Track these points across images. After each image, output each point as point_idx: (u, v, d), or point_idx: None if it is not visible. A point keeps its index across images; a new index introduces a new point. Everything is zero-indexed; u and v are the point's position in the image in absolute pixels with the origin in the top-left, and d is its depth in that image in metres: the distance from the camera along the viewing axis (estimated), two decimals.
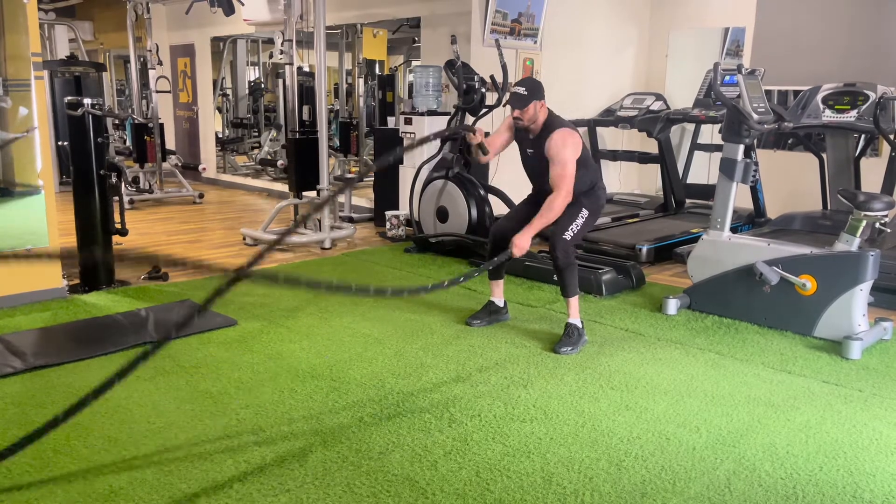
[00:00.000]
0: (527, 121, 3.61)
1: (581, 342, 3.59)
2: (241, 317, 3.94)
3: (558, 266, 3.64)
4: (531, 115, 3.59)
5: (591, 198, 3.71)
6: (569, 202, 3.57)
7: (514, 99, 3.59)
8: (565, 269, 3.64)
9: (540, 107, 3.60)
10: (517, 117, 3.62)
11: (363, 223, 6.94)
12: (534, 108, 3.58)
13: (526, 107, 3.57)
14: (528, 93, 3.56)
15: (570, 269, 3.65)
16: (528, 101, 3.56)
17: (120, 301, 4.24)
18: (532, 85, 3.63)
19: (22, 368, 3.11)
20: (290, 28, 5.93)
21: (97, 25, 12.35)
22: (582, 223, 3.67)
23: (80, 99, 4.31)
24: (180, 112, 10.19)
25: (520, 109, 3.57)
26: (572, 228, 3.63)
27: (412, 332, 3.76)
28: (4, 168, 4.34)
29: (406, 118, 6.32)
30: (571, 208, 3.64)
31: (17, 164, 4.24)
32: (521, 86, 3.59)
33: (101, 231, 4.44)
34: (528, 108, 3.57)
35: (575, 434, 2.65)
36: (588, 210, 3.68)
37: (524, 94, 3.55)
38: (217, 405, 2.84)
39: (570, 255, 3.64)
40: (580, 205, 3.66)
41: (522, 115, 3.58)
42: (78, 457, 2.41)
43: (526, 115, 3.58)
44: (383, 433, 2.62)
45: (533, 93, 3.58)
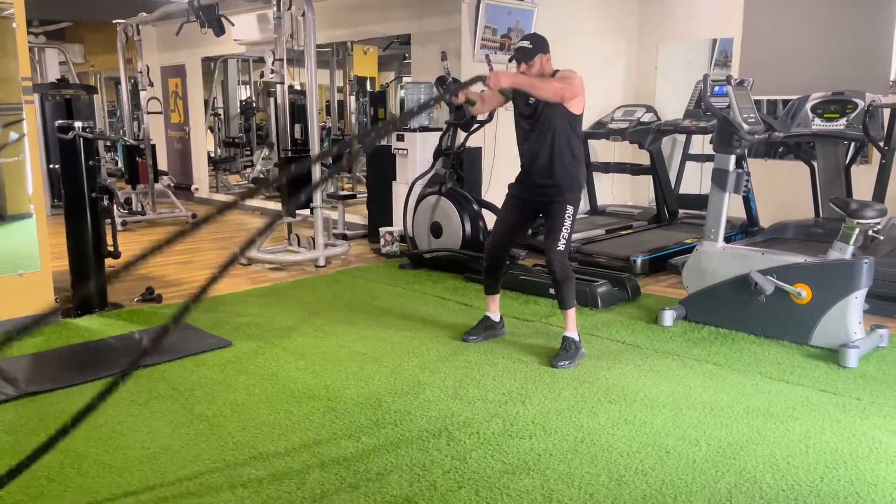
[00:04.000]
0: (535, 73, 3.55)
1: (578, 356, 3.57)
2: (236, 338, 3.91)
3: (556, 279, 3.63)
4: (537, 68, 3.54)
5: (575, 185, 3.64)
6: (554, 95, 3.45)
7: (520, 53, 3.54)
8: (563, 281, 3.62)
9: (546, 60, 3.57)
10: (524, 71, 3.57)
11: (357, 240, 6.93)
12: (539, 61, 3.54)
13: (532, 60, 3.52)
14: (534, 46, 3.52)
15: (568, 281, 3.63)
16: (533, 54, 3.51)
17: (113, 324, 4.21)
18: (537, 39, 3.59)
19: (14, 395, 3.08)
20: (280, 47, 5.94)
21: (87, 48, 12.37)
22: (570, 224, 3.60)
23: (71, 122, 4.30)
24: (172, 132, 10.19)
25: (526, 63, 3.52)
26: (563, 236, 3.57)
27: (408, 349, 3.74)
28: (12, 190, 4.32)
29: (398, 135, 6.33)
30: (557, 207, 3.57)
31: (9, 189, 4.21)
32: (525, 40, 3.56)
33: (93, 254, 4.42)
34: (535, 62, 3.53)
35: (574, 449, 2.63)
36: (571, 205, 3.60)
37: (529, 47, 3.51)
38: (212, 428, 2.81)
39: (567, 267, 3.63)
40: (564, 202, 3.57)
41: (529, 69, 3.53)
42: (72, 484, 2.38)
43: (532, 70, 3.53)
44: (381, 453, 2.60)
45: (538, 46, 3.54)
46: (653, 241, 5.88)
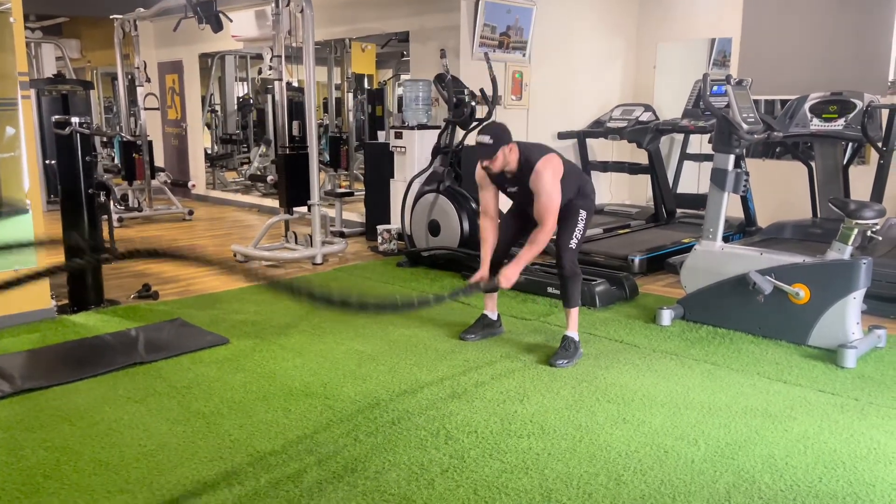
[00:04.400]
0: (497, 168, 3.54)
1: (577, 355, 3.57)
2: (233, 335, 3.89)
3: (564, 275, 3.63)
4: (501, 161, 3.51)
5: (583, 198, 3.68)
6: (550, 236, 3.52)
7: (481, 150, 3.51)
8: (571, 278, 3.63)
9: (509, 151, 3.51)
10: (486, 167, 3.55)
11: (354, 238, 6.91)
12: (502, 154, 3.49)
13: (494, 156, 3.48)
14: (494, 141, 3.47)
15: (575, 278, 3.64)
16: (494, 149, 3.47)
17: (109, 321, 4.19)
18: (496, 132, 3.53)
19: (10, 392, 3.06)
20: (278, 44, 5.92)
21: (84, 43, 12.32)
22: (583, 226, 3.64)
23: (67, 118, 4.28)
24: (169, 129, 10.16)
25: (489, 159, 3.49)
26: (576, 235, 3.62)
27: (406, 347, 3.73)
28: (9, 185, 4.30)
29: (396, 132, 6.32)
30: (569, 213, 3.61)
31: (5, 184, 4.19)
32: (485, 134, 3.51)
33: (89, 250, 4.40)
34: (497, 157, 3.49)
35: (573, 449, 2.63)
36: (584, 210, 3.65)
37: (489, 143, 3.47)
38: (209, 426, 2.80)
39: (576, 265, 3.64)
40: (576, 207, 3.63)
41: (492, 164, 3.50)
42: (68, 482, 2.36)
43: (496, 164, 3.51)
44: (379, 452, 2.59)
45: (498, 140, 3.48)
46: (651, 241, 5.88)
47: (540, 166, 3.50)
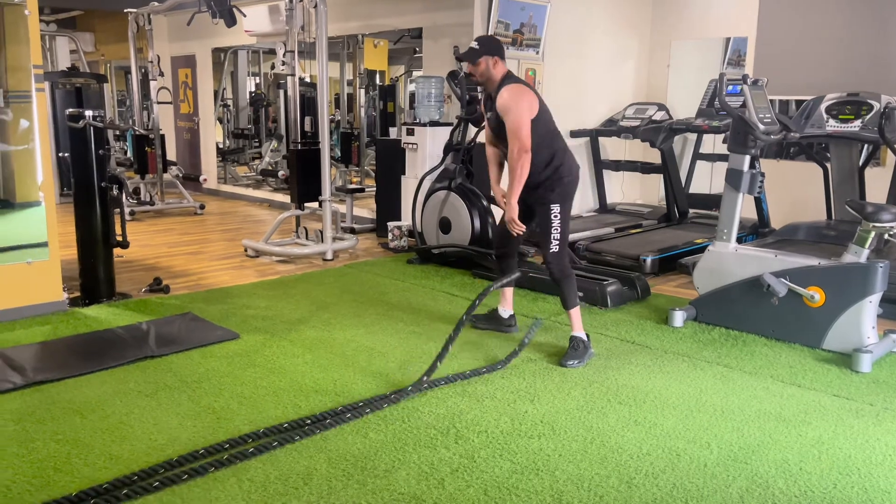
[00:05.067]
0: (479, 76, 3.49)
1: (587, 355, 3.54)
2: (244, 330, 3.89)
3: (555, 279, 3.62)
4: (482, 69, 3.46)
5: (556, 183, 3.51)
6: (527, 156, 3.39)
7: (466, 53, 3.48)
8: (562, 280, 3.60)
9: (493, 63, 3.45)
10: (469, 73, 3.53)
11: (365, 234, 6.91)
12: (486, 63, 3.44)
13: (476, 60, 3.44)
14: (480, 47, 3.45)
15: (567, 280, 3.60)
16: (478, 54, 3.43)
17: (121, 314, 4.20)
18: (486, 40, 3.52)
19: (22, 384, 3.07)
20: (291, 39, 5.91)
21: (98, 37, 12.38)
22: (559, 223, 3.54)
23: (81, 111, 4.28)
24: (181, 123, 10.18)
25: (471, 63, 3.46)
26: (554, 238, 3.53)
27: (416, 345, 3.72)
28: (5, 180, 4.31)
29: (408, 129, 6.30)
30: (542, 210, 3.53)
31: (18, 177, 4.21)
32: (475, 41, 3.50)
33: (102, 243, 4.41)
34: (480, 63, 3.44)
35: (584, 450, 2.61)
36: (558, 203, 3.52)
37: (476, 47, 3.45)
38: (220, 421, 2.79)
39: (564, 267, 3.59)
40: (548, 203, 3.52)
41: (474, 69, 3.47)
42: (78, 475, 2.36)
43: (477, 70, 3.47)
44: (389, 450, 2.58)
45: (485, 47, 3.45)
46: (663, 241, 5.84)
47: (507, 88, 3.42)
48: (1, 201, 4.32)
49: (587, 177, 7.47)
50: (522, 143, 3.38)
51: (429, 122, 6.21)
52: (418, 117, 6.29)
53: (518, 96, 3.41)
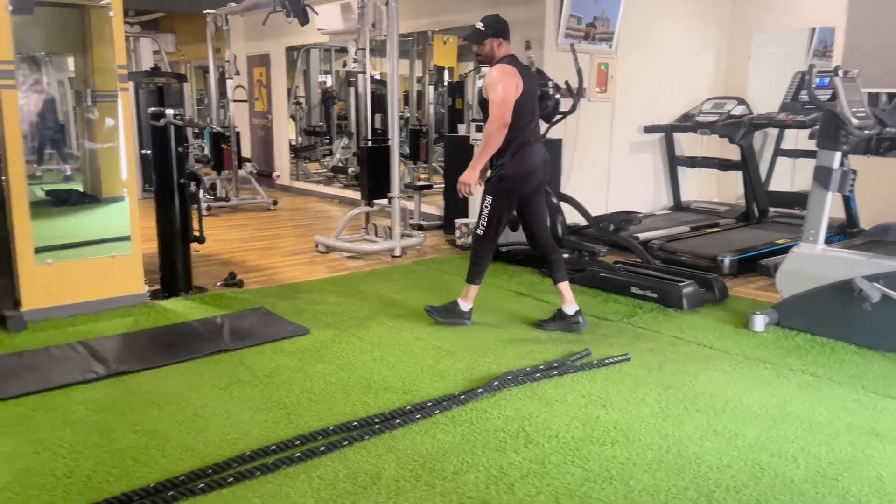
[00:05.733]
0: (484, 56, 3.63)
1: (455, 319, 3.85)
2: (314, 325, 3.94)
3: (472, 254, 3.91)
4: (487, 51, 3.58)
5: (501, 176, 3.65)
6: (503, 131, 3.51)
7: (472, 34, 3.60)
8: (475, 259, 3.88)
9: (498, 45, 3.57)
10: (476, 52, 3.67)
11: (433, 231, 6.91)
12: (490, 44, 3.56)
13: (482, 42, 3.56)
14: (486, 28, 3.55)
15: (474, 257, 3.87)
16: (483, 36, 3.55)
17: (197, 307, 4.32)
18: (492, 21, 3.60)
19: (104, 374, 3.18)
20: (363, 37, 5.96)
21: (179, 38, 12.83)
22: (488, 214, 3.72)
23: (162, 109, 4.42)
24: (256, 121, 10.44)
25: (477, 45, 3.59)
26: (482, 223, 3.76)
27: (484, 345, 3.68)
28: (92, 176, 4.50)
29: (477, 125, 6.25)
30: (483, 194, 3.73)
31: (104, 173, 4.38)
32: (481, 22, 3.60)
33: (180, 238, 4.55)
34: (485, 44, 3.57)
35: (659, 460, 2.51)
36: (492, 196, 3.69)
37: (481, 29, 3.55)
38: (290, 416, 2.82)
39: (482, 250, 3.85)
40: (485, 191, 3.72)
41: (480, 49, 3.61)
42: (156, 466, 2.42)
43: (483, 51, 3.60)
44: (457, 452, 2.54)
45: (491, 29, 3.55)
46: (741, 241, 5.60)
47: (496, 67, 3.54)
48: (88, 197, 4.52)
49: (660, 174, 7.25)
50: (503, 116, 3.48)
51: None
52: None
53: (508, 75, 3.52)
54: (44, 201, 4.24)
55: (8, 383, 3.05)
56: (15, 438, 2.59)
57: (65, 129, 4.53)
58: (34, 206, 4.00)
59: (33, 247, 3.94)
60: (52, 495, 2.22)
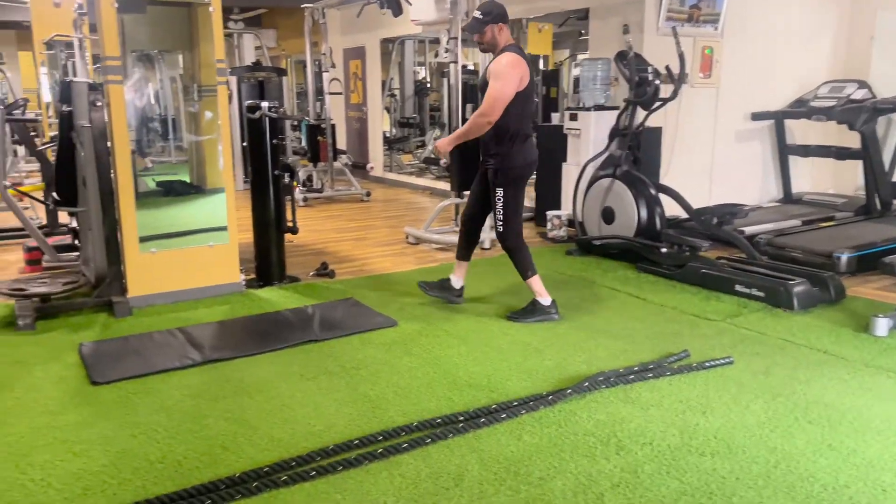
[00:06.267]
0: (486, 44, 3.63)
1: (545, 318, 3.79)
2: (401, 317, 3.92)
3: (506, 250, 3.88)
4: (489, 38, 3.58)
5: (505, 167, 3.66)
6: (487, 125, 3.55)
7: (471, 23, 3.60)
8: (513, 252, 3.85)
9: (498, 30, 3.57)
10: (478, 41, 3.66)
11: (524, 223, 6.76)
12: (491, 31, 3.55)
13: (483, 30, 3.55)
14: (484, 15, 3.54)
15: (518, 252, 3.83)
16: (483, 24, 3.54)
17: (290, 297, 4.39)
18: (490, 8, 3.58)
19: (200, 361, 3.28)
20: (455, 26, 5.88)
21: (280, 33, 13.22)
22: (502, 206, 3.72)
23: (258, 103, 4.51)
24: (351, 113, 10.60)
25: (478, 34, 3.58)
26: (499, 218, 3.75)
27: (574, 343, 3.53)
28: (198, 168, 4.65)
29: (571, 114, 6.06)
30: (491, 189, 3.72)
31: (208, 165, 4.52)
32: (478, 10, 3.59)
33: (274, 228, 4.64)
34: (486, 32, 3.56)
35: (766, 475, 2.30)
36: (502, 188, 3.69)
37: (480, 17, 3.54)
38: (375, 410, 2.80)
39: (513, 242, 3.80)
40: (494, 185, 3.70)
41: (481, 38, 3.60)
42: (243, 455, 2.45)
43: (484, 39, 3.59)
44: (544, 456, 2.44)
45: (489, 15, 3.54)
46: (860, 236, 5.16)
47: (505, 55, 3.52)
48: (194, 187, 4.68)
49: (769, 163, 6.80)
50: (493, 111, 3.51)
51: (593, 106, 5.93)
52: (582, 101, 6.02)
53: (514, 67, 3.51)
54: (152, 192, 4.41)
55: (112, 367, 3.19)
56: (115, 421, 2.69)
57: (175, 122, 4.73)
58: (144, 196, 4.18)
59: (138, 236, 4.12)
60: (143, 479, 2.29)
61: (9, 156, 8.19)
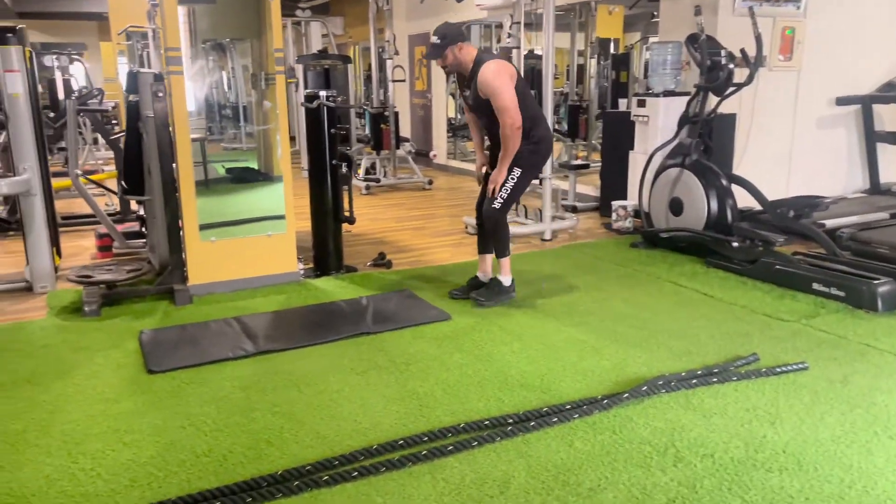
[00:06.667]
0: (451, 67, 3.62)
1: (503, 298, 3.83)
2: (455, 311, 3.84)
3: (487, 230, 3.86)
4: (452, 60, 3.57)
5: (530, 150, 3.66)
6: (519, 132, 3.53)
7: (429, 50, 3.59)
8: (493, 233, 3.83)
9: (459, 49, 3.55)
10: (441, 66, 3.68)
11: (587, 213, 6.58)
12: (451, 53, 3.55)
13: (443, 55, 3.54)
14: (441, 39, 3.52)
15: (500, 233, 3.80)
16: (441, 49, 3.52)
17: (346, 287, 4.38)
18: (444, 30, 3.58)
19: (252, 352, 3.29)
20: (518, 10, 5.72)
21: (347, 20, 13.28)
22: (511, 187, 3.68)
23: (316, 92, 4.49)
24: (415, 100, 10.55)
25: (437, 59, 3.58)
26: (501, 196, 3.69)
27: (635, 343, 3.38)
28: (266, 155, 4.69)
29: (639, 100, 5.81)
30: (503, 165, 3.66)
31: (271, 153, 4.54)
32: (434, 35, 3.58)
33: (332, 218, 4.63)
34: (447, 55, 3.55)
35: (840, 496, 2.12)
36: (520, 168, 3.67)
37: (437, 42, 3.53)
38: (422, 409, 2.73)
39: (499, 223, 3.75)
40: (512, 164, 3.65)
41: (444, 62, 3.59)
42: (288, 451, 2.43)
43: (447, 62, 3.59)
44: (595, 464, 2.31)
45: (446, 38, 3.52)
46: None
47: (486, 67, 3.50)
48: (261, 174, 4.72)
49: (855, 152, 6.36)
50: (514, 120, 3.51)
51: (663, 91, 5.66)
52: (651, 87, 5.76)
53: (499, 74, 3.49)
54: (212, 180, 4.46)
55: (168, 356, 3.24)
56: (166, 412, 2.72)
57: (245, 110, 4.77)
58: (204, 184, 4.23)
59: (199, 224, 4.17)
60: (189, 473, 2.29)
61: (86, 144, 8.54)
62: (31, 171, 4.15)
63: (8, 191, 4.08)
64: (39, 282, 4.29)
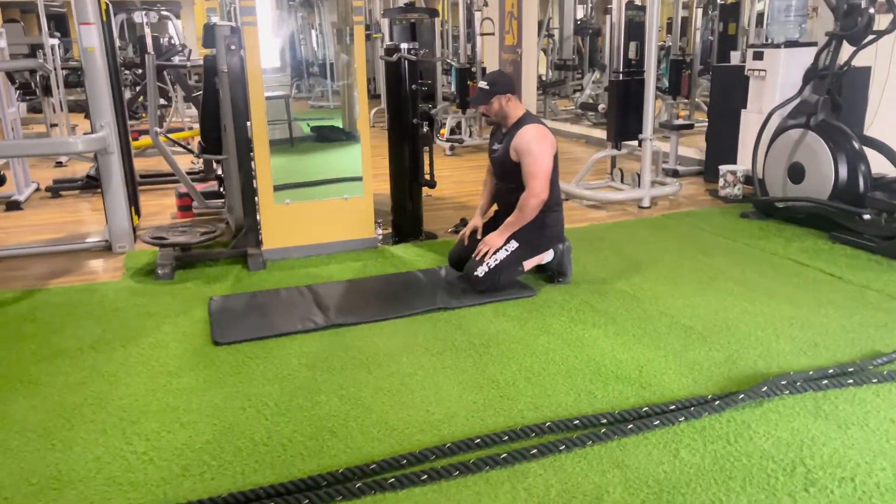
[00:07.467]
0: (493, 115, 3.47)
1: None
2: (541, 286, 3.50)
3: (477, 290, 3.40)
4: (496, 110, 3.43)
5: (536, 229, 3.39)
6: (540, 204, 3.32)
7: (476, 95, 3.47)
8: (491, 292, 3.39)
9: (506, 101, 3.40)
10: (483, 113, 3.42)
11: (690, 178, 6.02)
12: (498, 102, 3.40)
13: (488, 102, 3.40)
14: (490, 86, 3.39)
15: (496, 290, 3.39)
16: (489, 95, 3.38)
17: (424, 255, 4.11)
18: (495, 78, 3.44)
19: (322, 325, 3.07)
20: None
21: None
22: (504, 258, 3.35)
23: (396, 45, 4.18)
24: (505, 55, 10.05)
25: (484, 104, 3.43)
26: (489, 263, 3.35)
27: (748, 331, 2.94)
28: (349, 114, 4.44)
29: (756, 52, 5.18)
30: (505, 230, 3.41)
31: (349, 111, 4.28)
32: (484, 80, 3.45)
33: (412, 182, 4.35)
34: (493, 104, 3.40)
35: None
36: (520, 242, 3.38)
37: (486, 88, 3.40)
38: (503, 399, 2.44)
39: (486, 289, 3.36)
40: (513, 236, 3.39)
41: (488, 110, 3.46)
42: (352, 444, 2.19)
43: (491, 110, 3.45)
44: (704, 481, 1.95)
45: (495, 86, 3.38)
46: None
47: (532, 127, 3.33)
48: (345, 134, 4.49)
49: None
50: (541, 191, 3.30)
51: (784, 42, 5.02)
52: (771, 37, 5.12)
53: (543, 140, 3.33)
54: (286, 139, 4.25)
55: (235, 327, 3.07)
56: (227, 389, 2.54)
57: (333, 67, 4.53)
58: (278, 143, 4.02)
59: (272, 185, 3.98)
60: (244, 464, 2.09)
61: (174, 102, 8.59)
62: (108, 129, 4.06)
63: (84, 148, 4.01)
64: (118, 241, 4.24)
